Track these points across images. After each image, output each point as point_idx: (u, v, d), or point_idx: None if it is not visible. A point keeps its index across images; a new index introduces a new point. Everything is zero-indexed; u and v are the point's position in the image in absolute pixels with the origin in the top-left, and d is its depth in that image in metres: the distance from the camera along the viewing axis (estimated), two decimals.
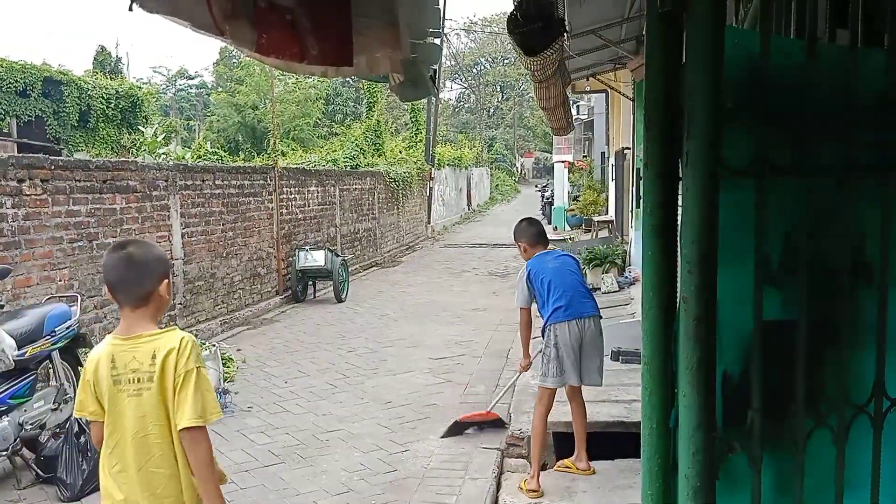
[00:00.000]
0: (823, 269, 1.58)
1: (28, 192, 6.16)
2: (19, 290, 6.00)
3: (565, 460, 4.66)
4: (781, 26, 2.04)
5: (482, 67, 58.52)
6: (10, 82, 16.55)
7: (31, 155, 7.01)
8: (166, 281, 2.33)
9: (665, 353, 1.55)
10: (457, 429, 5.41)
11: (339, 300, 11.29)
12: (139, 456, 2.23)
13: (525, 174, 60.95)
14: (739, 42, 1.49)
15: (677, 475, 1.52)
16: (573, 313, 4.38)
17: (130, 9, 1.38)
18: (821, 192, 1.55)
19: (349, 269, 12.25)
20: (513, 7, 3.99)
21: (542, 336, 4.54)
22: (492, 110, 61.07)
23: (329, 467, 4.93)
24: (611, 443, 4.73)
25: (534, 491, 4.35)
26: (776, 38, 1.64)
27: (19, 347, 4.56)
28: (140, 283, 2.26)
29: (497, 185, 45.27)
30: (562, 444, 4.94)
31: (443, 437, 5.36)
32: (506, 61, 54.51)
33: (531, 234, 4.71)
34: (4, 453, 4.52)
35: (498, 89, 60.27)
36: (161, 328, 2.31)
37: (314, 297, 11.69)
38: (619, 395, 5.43)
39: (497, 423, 5.44)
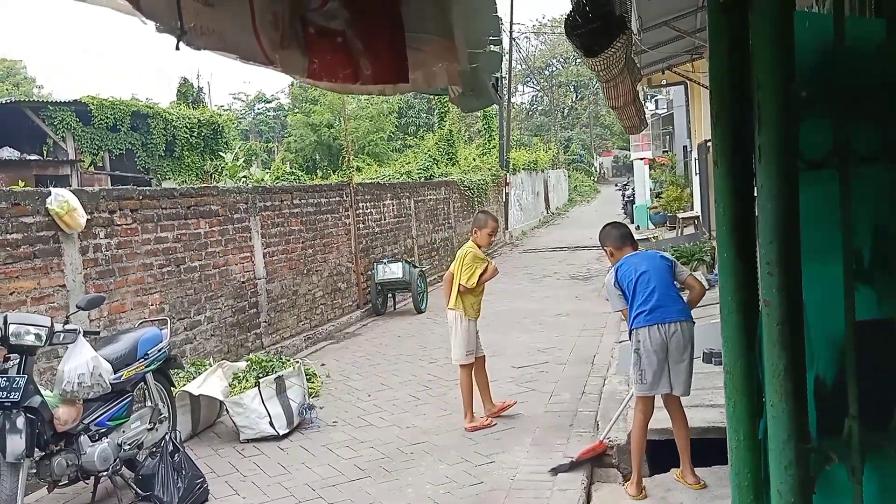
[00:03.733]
0: None
1: (119, 222, 6.46)
2: (114, 315, 6.29)
3: (676, 471, 4.50)
4: (861, 8, 1.91)
5: (554, 69, 58.07)
6: (101, 118, 17.52)
7: (120, 187, 7.37)
8: (478, 229, 5.86)
9: (748, 361, 1.46)
10: (572, 467, 4.80)
11: (419, 311, 11.35)
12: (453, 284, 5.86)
13: (604, 173, 60.10)
14: (811, 26, 1.39)
15: (769, 490, 1.43)
16: (656, 318, 4.22)
17: (177, 48, 1.40)
18: None
19: (427, 280, 12.31)
20: (570, 8, 3.90)
21: (629, 339, 4.42)
22: (566, 111, 60.50)
23: (414, 480, 4.92)
24: (708, 449, 4.54)
25: (636, 495, 4.32)
26: (852, 18, 1.53)
27: (115, 371, 4.76)
28: (472, 226, 6.03)
29: (575, 186, 44.80)
30: (653, 452, 4.77)
31: (550, 471, 4.79)
32: (578, 61, 53.87)
33: (616, 237, 4.60)
34: (106, 473, 4.73)
35: (571, 89, 59.68)
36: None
37: (394, 309, 11.81)
38: (714, 399, 5.21)
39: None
